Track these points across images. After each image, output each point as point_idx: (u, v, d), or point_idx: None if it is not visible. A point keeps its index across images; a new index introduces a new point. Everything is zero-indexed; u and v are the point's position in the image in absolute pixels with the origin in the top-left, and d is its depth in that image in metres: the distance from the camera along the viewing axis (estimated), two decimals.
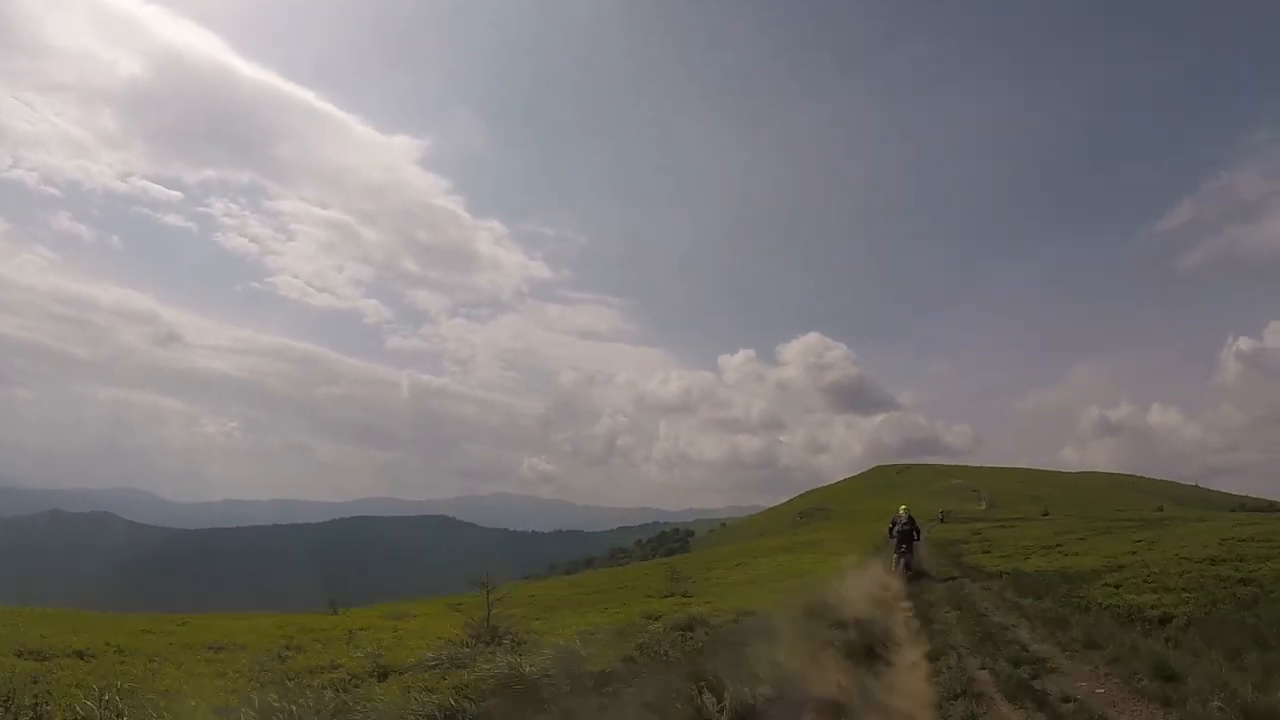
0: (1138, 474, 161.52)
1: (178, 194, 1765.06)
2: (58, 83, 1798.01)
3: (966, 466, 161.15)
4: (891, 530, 27.88)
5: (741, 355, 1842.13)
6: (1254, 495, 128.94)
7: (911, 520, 27.53)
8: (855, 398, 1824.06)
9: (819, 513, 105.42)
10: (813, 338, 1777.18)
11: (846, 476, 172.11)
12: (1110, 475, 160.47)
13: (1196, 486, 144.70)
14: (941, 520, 70.94)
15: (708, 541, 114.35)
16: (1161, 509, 77.08)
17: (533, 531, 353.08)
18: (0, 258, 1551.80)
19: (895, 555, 26.78)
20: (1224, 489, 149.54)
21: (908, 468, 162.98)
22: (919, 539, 28.80)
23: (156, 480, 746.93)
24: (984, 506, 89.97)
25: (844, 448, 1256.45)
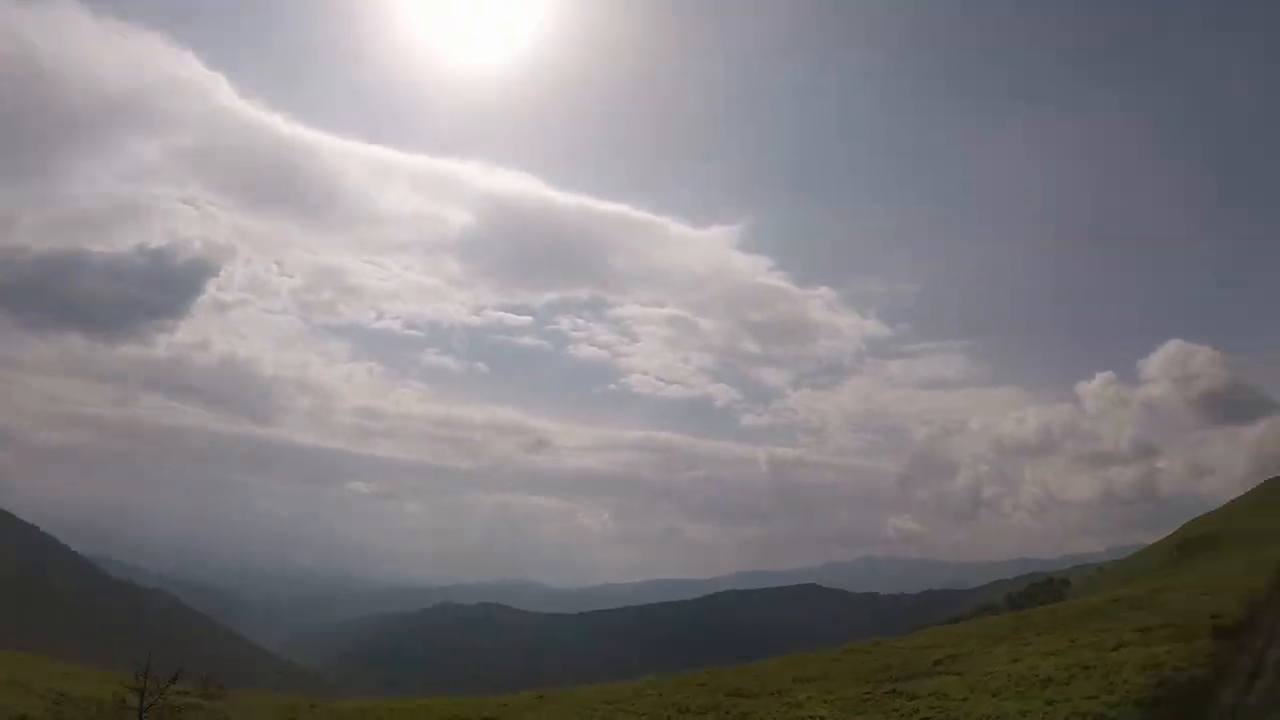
0: None
1: (528, 318, 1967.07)
2: (400, 242, 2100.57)
3: None
4: None
5: (1099, 380, 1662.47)
6: None
7: None
8: (1232, 406, 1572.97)
9: (1203, 541, 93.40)
10: (1173, 346, 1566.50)
11: (1234, 498, 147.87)
12: None
13: None
14: None
15: (1083, 589, 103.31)
16: None
17: (900, 594, 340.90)
18: (381, 395, 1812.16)
19: None
20: None
21: None
22: None
23: (540, 571, 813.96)
24: None
25: (1229, 465, 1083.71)
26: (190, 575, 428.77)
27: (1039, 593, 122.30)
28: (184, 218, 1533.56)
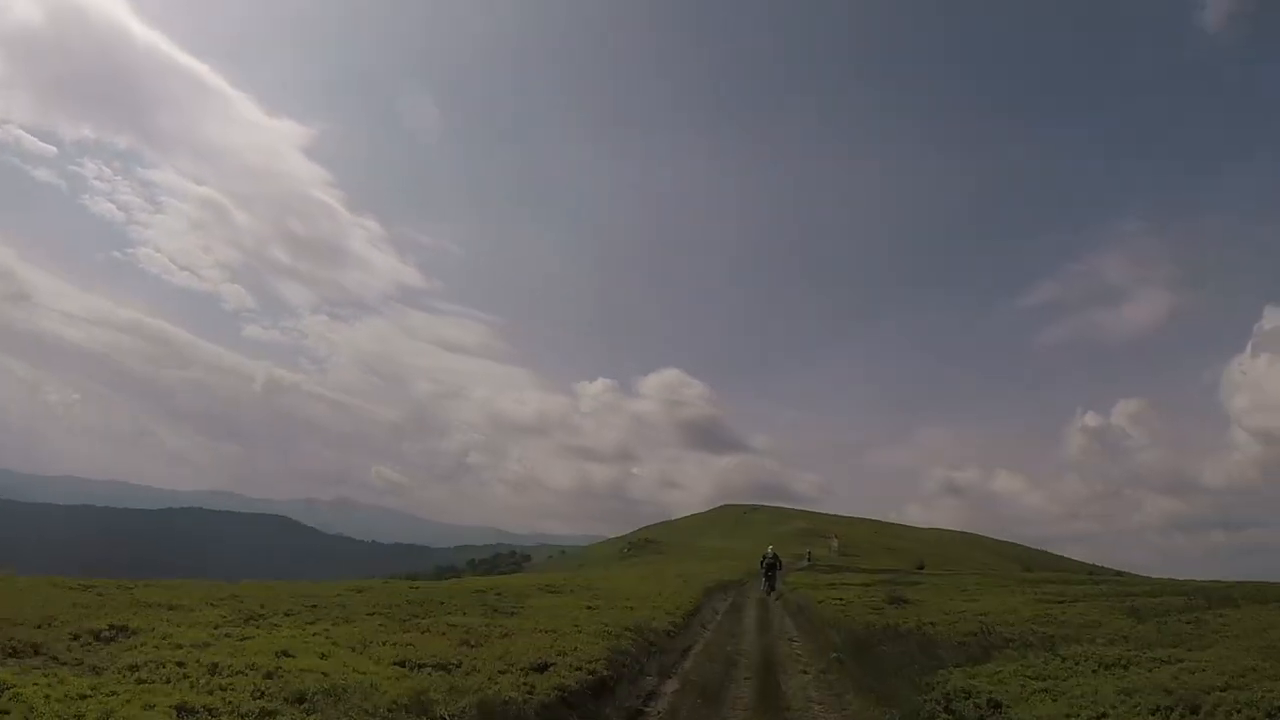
0: (983, 534, 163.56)
1: (52, 149, 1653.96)
2: None
3: (815, 512, 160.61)
4: (761, 564, 38.60)
5: (601, 383, 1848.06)
6: (1097, 563, 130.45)
7: (776, 557, 38.60)
8: (709, 437, 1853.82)
9: (650, 545, 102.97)
10: (672, 373, 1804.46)
11: (694, 513, 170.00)
12: (961, 533, 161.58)
13: (1045, 551, 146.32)
14: (809, 563, 70.69)
15: (543, 567, 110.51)
16: (1029, 569, 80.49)
17: (373, 541, 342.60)
18: None
19: (764, 582, 37.54)
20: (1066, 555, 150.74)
21: (755, 508, 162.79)
22: (781, 570, 39.34)
23: None
24: (835, 550, 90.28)
25: (694, 485, 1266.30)
26: None
27: (502, 563, 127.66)
28: None
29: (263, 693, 7.93)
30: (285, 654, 9.91)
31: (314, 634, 12.09)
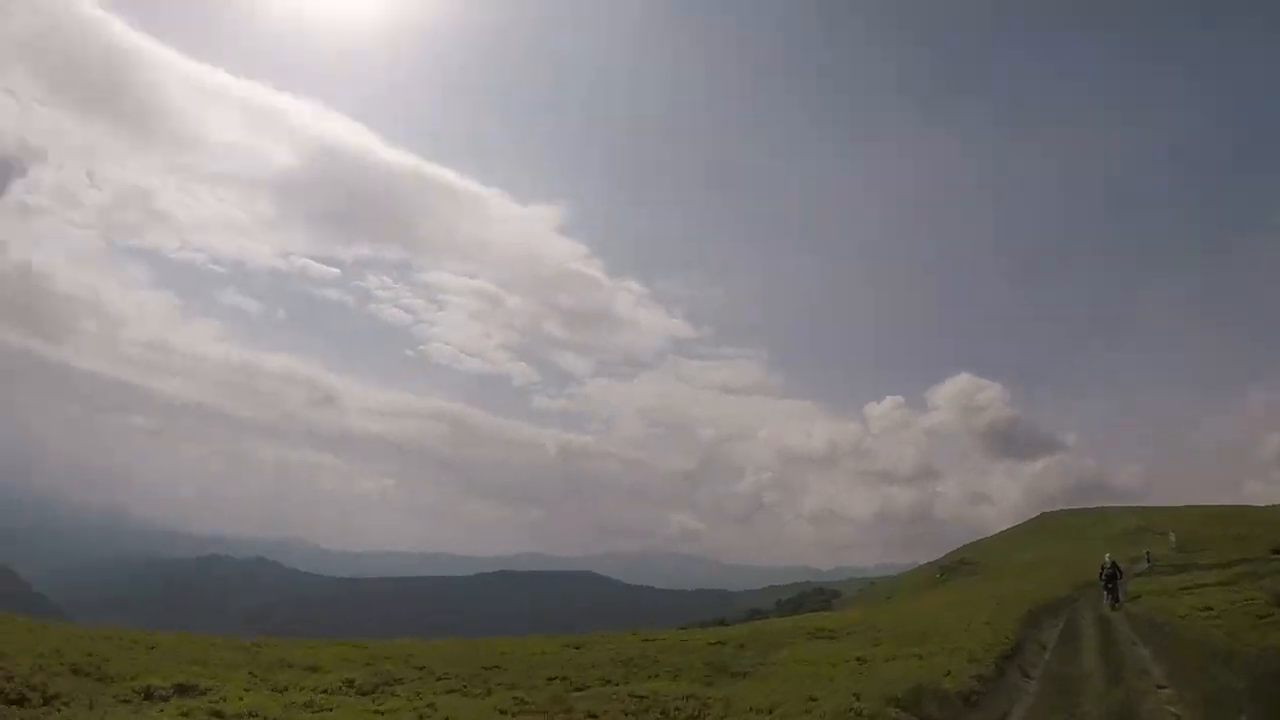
0: None
1: (336, 270, 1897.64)
2: (217, 172, 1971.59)
3: (1143, 507, 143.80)
4: (1101, 574, 36.63)
5: (889, 402, 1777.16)
6: None
7: (1115, 565, 36.45)
8: (1013, 441, 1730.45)
9: (965, 567, 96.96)
10: (963, 379, 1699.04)
11: (1007, 527, 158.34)
12: None
13: None
14: (1149, 564, 62.81)
15: (851, 602, 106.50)
16: None
17: (675, 589, 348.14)
18: (173, 328, 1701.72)
19: (1105, 596, 35.41)
20: None
21: (1075, 512, 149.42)
22: (1122, 579, 37.41)
23: (314, 531, 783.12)
24: (1174, 546, 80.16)
25: (1004, 496, 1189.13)
26: None
27: (809, 602, 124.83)
28: (2, 109, 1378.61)
29: None
30: None
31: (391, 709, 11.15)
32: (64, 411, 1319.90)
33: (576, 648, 18.81)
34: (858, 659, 16.37)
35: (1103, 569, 36.55)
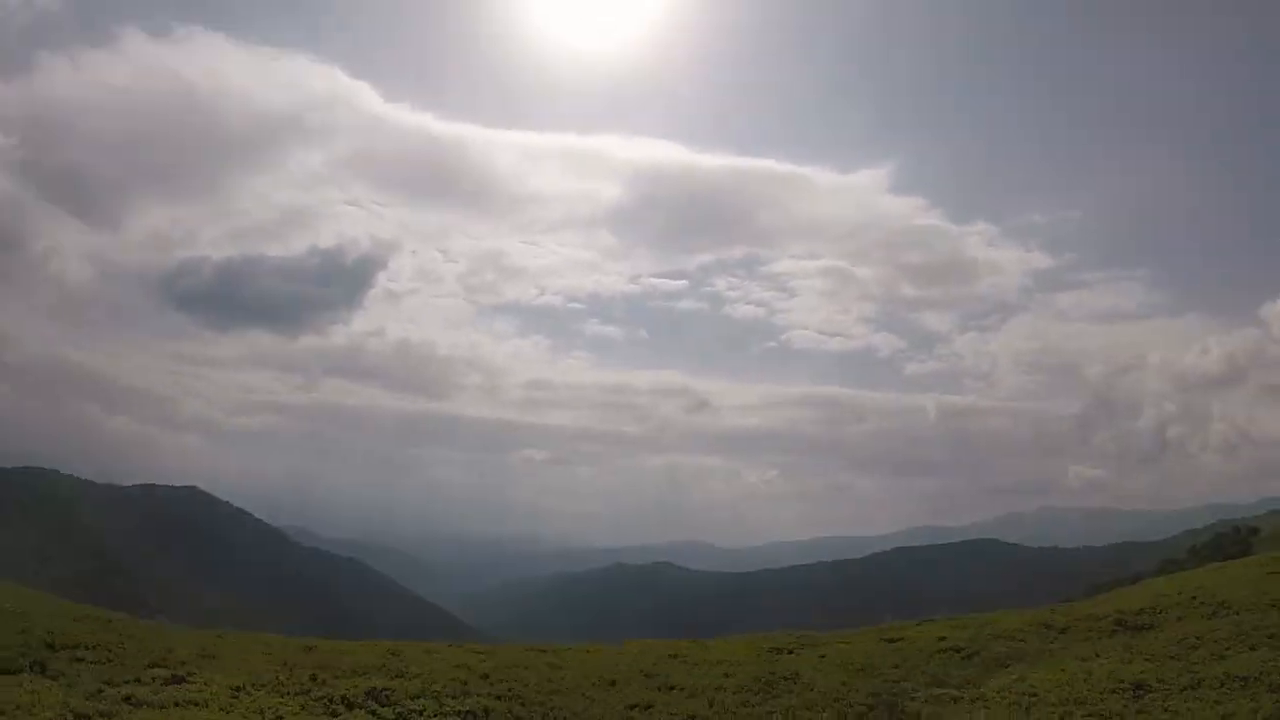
0: None
1: (683, 282, 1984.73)
2: (554, 221, 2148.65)
3: None
4: None
5: None
6: None
7: None
8: None
9: None
10: None
11: None
12: None
13: None
14: None
15: (1272, 539, 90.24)
16: None
17: (1084, 546, 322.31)
18: (548, 367, 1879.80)
19: None
20: None
21: None
22: None
23: (709, 531, 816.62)
24: None
25: None
26: (374, 542, 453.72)
27: (1225, 544, 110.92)
28: (350, 218, 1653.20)
29: None
30: None
31: None
32: (465, 457, 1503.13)
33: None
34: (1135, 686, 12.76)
35: None
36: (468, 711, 12.76)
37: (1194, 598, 19.22)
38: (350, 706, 12.50)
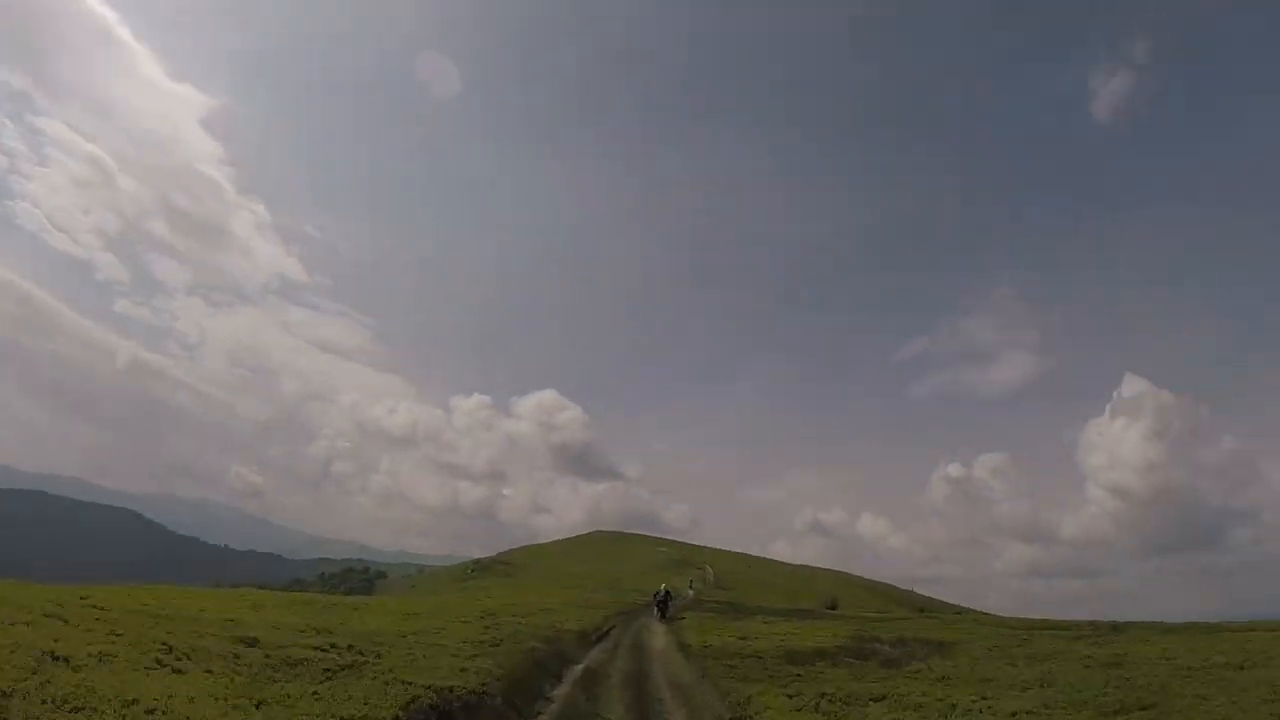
0: (851, 572, 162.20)
1: None
2: None
3: (686, 543, 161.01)
4: (655, 598, 44.66)
5: (476, 400, 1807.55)
6: (961, 604, 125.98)
7: (668, 593, 45.03)
8: (582, 462, 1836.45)
9: (502, 568, 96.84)
10: (549, 395, 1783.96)
11: (562, 538, 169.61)
12: (833, 570, 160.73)
13: (914, 592, 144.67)
14: (693, 593, 71.25)
15: (398, 588, 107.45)
16: (922, 610, 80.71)
17: (225, 546, 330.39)
18: None
19: (655, 611, 43.23)
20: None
21: (625, 535, 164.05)
22: (672, 601, 45.19)
23: None
24: (709, 581, 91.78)
25: (565, 510, 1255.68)
26: None
27: (353, 580, 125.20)
28: None
29: None
30: None
31: None
32: None
33: None
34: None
35: (656, 594, 44.96)
36: None
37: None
38: None
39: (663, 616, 42.18)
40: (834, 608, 67.17)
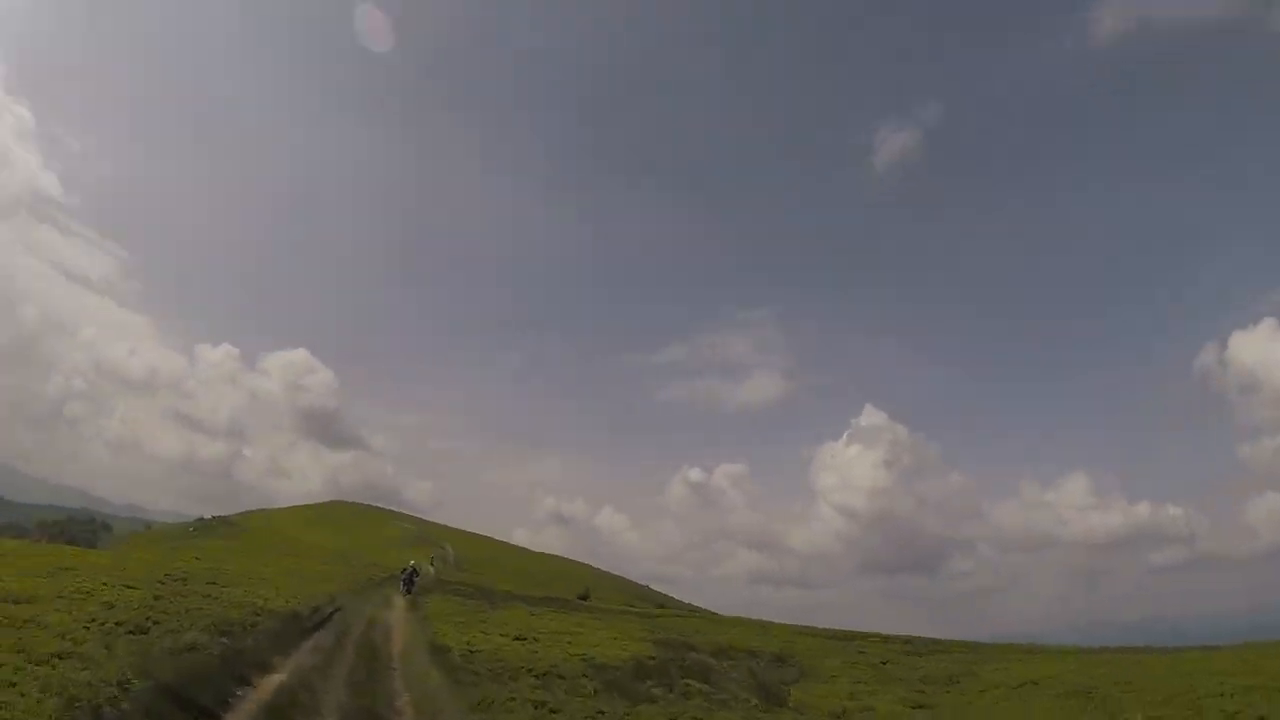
0: (591, 564, 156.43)
1: None
2: None
3: (429, 521, 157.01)
4: (402, 574, 46.04)
5: (223, 350, 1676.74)
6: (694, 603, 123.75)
7: (415, 568, 46.46)
8: (327, 429, 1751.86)
9: (227, 528, 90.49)
10: (300, 354, 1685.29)
11: (300, 504, 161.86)
12: (576, 561, 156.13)
13: (649, 588, 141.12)
14: (433, 569, 67.56)
15: (124, 543, 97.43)
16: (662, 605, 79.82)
17: None
18: None
19: (402, 587, 44.09)
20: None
21: (366, 508, 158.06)
22: (417, 579, 45.85)
23: None
24: (450, 561, 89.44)
25: (305, 476, 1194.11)
26: None
27: (76, 530, 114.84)
28: None
29: None
30: None
31: None
32: None
33: None
34: None
35: (404, 569, 46.66)
36: None
37: None
38: None
39: (409, 593, 43.38)
40: (585, 598, 66.42)
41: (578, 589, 79.44)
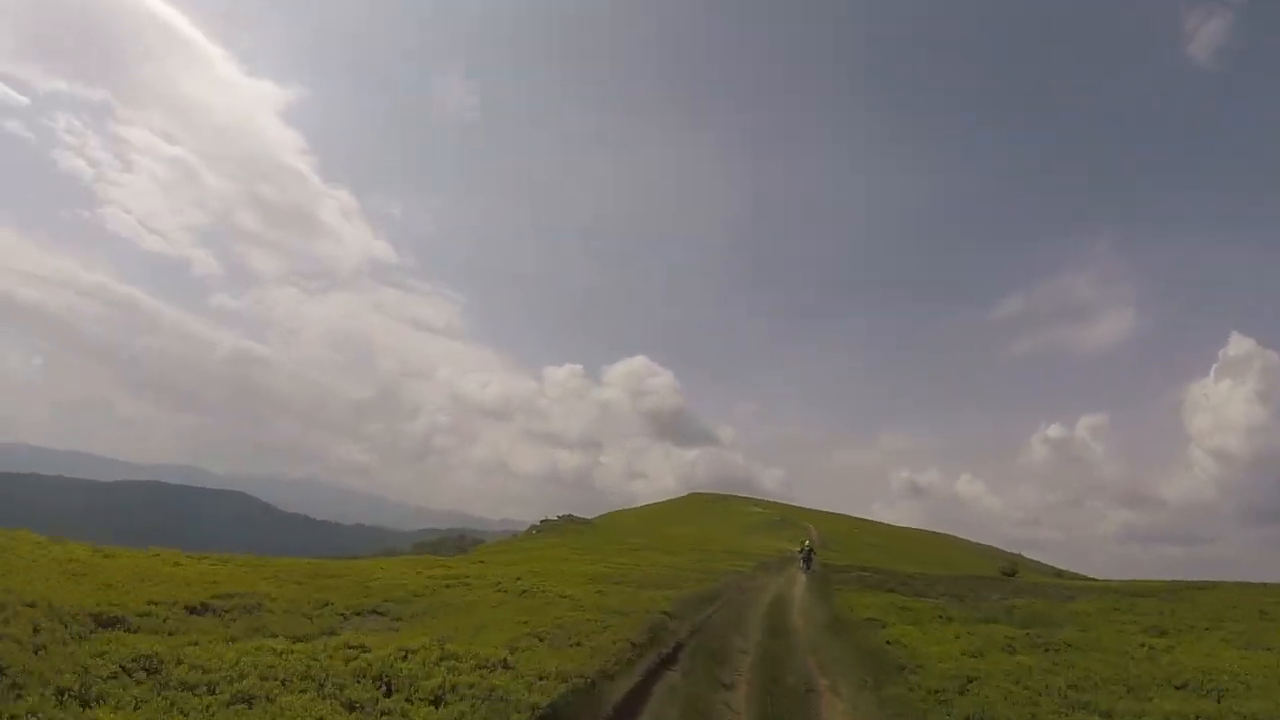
0: (954, 535, 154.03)
1: (26, 100, 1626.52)
2: None
3: (786, 504, 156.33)
4: (799, 552, 49.92)
5: (568, 369, 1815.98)
6: (1062, 567, 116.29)
7: (810, 549, 49.78)
8: (674, 428, 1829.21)
9: (575, 525, 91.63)
10: (640, 361, 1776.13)
11: (656, 502, 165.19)
12: (935, 533, 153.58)
13: (1019, 555, 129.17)
14: (809, 567, 64.32)
15: (492, 552, 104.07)
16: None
17: (334, 522, 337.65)
18: None
19: (802, 564, 46.60)
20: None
21: (723, 497, 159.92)
22: (815, 557, 48.64)
23: None
24: (815, 541, 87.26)
25: (659, 476, 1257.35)
26: None
27: (447, 547, 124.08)
28: None
29: None
30: None
31: None
32: None
33: None
34: None
35: (801, 549, 50.40)
36: None
37: None
38: None
39: (808, 569, 45.28)
40: (1013, 574, 57.43)
41: (960, 564, 73.28)
